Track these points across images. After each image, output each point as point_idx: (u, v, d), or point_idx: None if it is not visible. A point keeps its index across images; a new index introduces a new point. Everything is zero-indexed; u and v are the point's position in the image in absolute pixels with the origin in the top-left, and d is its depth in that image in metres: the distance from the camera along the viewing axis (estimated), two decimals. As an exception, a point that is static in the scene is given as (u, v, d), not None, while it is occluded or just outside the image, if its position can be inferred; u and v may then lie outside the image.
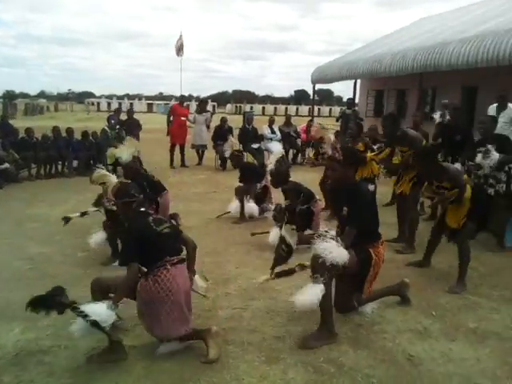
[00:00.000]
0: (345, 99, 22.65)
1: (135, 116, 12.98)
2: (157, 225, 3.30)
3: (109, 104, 56.74)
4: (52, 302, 3.02)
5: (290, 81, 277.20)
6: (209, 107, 52.74)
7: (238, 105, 51.71)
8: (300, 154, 13.68)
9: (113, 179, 5.28)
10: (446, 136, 6.99)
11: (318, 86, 22.74)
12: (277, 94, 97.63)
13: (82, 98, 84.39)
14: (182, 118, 12.54)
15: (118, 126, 11.68)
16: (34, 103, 50.41)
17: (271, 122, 13.26)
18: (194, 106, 39.61)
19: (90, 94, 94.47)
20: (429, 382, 3.04)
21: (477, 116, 12.66)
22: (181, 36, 23.67)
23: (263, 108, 51.12)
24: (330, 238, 3.48)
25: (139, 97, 68.03)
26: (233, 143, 10.67)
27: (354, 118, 12.50)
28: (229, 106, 54.27)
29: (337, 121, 13.99)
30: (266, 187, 6.97)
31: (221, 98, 76.40)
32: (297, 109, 50.91)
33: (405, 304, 4.15)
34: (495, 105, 7.13)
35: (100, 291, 3.42)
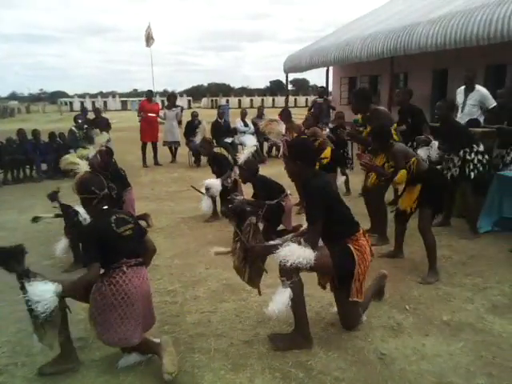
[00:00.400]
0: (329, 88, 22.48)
1: (108, 114, 12.72)
2: (119, 225, 3.10)
3: (82, 103, 55.78)
4: (7, 258, 2.89)
5: (266, 71, 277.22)
6: (183, 102, 52.37)
7: (214, 98, 51.22)
8: (274, 147, 13.54)
9: (83, 166, 5.04)
10: (400, 119, 6.92)
11: (294, 76, 23.00)
12: (253, 86, 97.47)
13: (54, 97, 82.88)
14: (151, 115, 12.22)
15: (85, 126, 11.39)
16: (4, 106, 49.23)
17: (244, 115, 13.12)
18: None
19: (63, 94, 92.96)
20: (400, 382, 2.93)
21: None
22: (149, 25, 23.25)
23: (239, 101, 50.66)
24: (292, 241, 3.34)
25: (113, 94, 67.03)
26: (205, 128, 10.52)
27: (326, 107, 12.40)
28: (204, 99, 53.82)
29: (309, 110, 13.86)
30: (235, 181, 6.80)
31: (197, 92, 75.87)
32: (273, 100, 50.55)
33: (378, 298, 4.03)
34: (463, 87, 7.06)
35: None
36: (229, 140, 12.30)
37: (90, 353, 3.38)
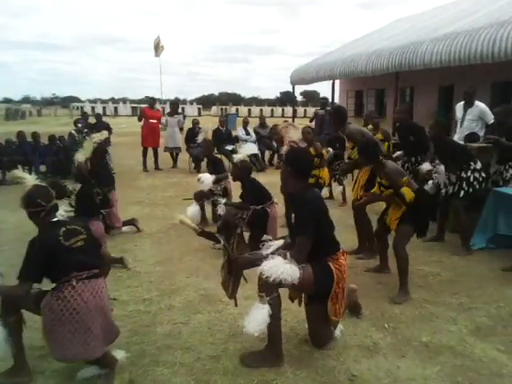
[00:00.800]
0: (336, 100, 22.32)
1: (118, 120, 12.74)
2: (68, 237, 2.98)
3: (93, 108, 56.11)
4: None
5: (277, 82, 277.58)
6: (193, 109, 52.46)
7: (224, 107, 51.26)
8: (276, 156, 13.44)
9: (29, 180, 4.96)
10: (401, 136, 6.85)
11: (304, 88, 22.98)
12: (263, 96, 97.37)
13: (66, 102, 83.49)
14: (152, 121, 12.25)
15: (85, 130, 11.35)
16: (15, 108, 49.62)
17: (245, 124, 13.05)
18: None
19: (75, 99, 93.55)
20: (368, 406, 2.78)
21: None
22: (158, 36, 23.35)
23: (249, 110, 50.75)
24: (278, 254, 3.20)
25: (124, 100, 67.36)
26: (207, 132, 10.53)
27: (328, 119, 12.27)
28: (214, 108, 53.86)
29: (310, 121, 13.77)
30: (225, 188, 6.70)
31: (207, 101, 76.04)
32: (282, 110, 50.54)
33: (356, 314, 3.88)
34: (462, 103, 6.95)
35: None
36: (230, 147, 12.24)
37: (52, 362, 3.24)
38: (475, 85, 7.45)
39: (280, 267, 3.04)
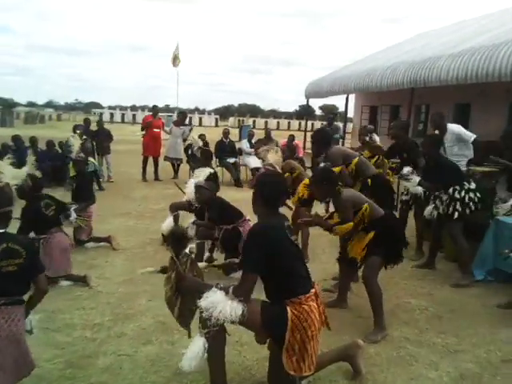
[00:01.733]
0: (349, 114, 21.91)
1: (136, 127, 12.55)
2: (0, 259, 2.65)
3: (111, 115, 56.62)
4: None
5: (297, 95, 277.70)
6: (211, 120, 52.44)
7: (241, 118, 51.20)
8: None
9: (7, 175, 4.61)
10: (394, 154, 6.47)
11: (323, 101, 22.55)
12: (283, 109, 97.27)
13: (88, 108, 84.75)
14: (156, 130, 12.04)
15: (84, 137, 11.07)
16: (35, 112, 50.32)
17: (251, 136, 12.70)
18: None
19: (97, 105, 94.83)
20: None
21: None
22: (177, 46, 23.06)
23: (265, 122, 50.65)
24: (220, 288, 2.80)
25: (143, 108, 67.71)
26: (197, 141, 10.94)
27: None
28: (231, 119, 53.85)
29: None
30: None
31: (226, 112, 76.20)
32: (299, 123, 50.27)
33: (354, 378, 3.17)
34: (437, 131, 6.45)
35: None
36: (232, 160, 11.90)
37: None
38: (436, 112, 7.00)
39: (219, 304, 2.67)
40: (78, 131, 11.05)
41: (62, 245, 4.88)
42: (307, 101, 21.20)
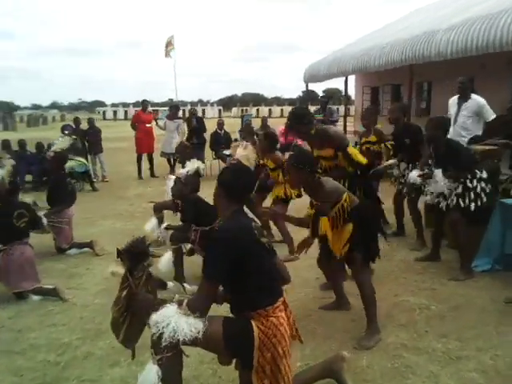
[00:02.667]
0: (352, 97, 21.35)
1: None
2: None
3: (115, 112, 56.33)
4: None
5: (300, 81, 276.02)
6: (214, 111, 51.98)
7: (244, 108, 50.64)
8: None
9: None
10: (396, 139, 5.87)
11: (326, 85, 21.97)
12: (287, 96, 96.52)
13: (93, 107, 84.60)
14: (147, 126, 11.72)
15: (73, 137, 10.74)
16: (38, 114, 50.24)
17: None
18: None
19: (101, 103, 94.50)
20: None
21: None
22: (170, 38, 22.40)
23: (269, 110, 50.11)
24: (174, 302, 2.42)
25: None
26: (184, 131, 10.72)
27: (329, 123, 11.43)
28: (234, 109, 53.30)
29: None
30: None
31: (229, 102, 75.61)
32: (303, 109, 49.79)
33: None
34: (456, 97, 6.00)
35: None
36: (227, 152, 11.52)
37: None
38: (495, 77, 6.46)
39: (172, 319, 2.27)
40: (66, 132, 10.74)
41: (25, 257, 4.52)
42: (306, 85, 20.64)
